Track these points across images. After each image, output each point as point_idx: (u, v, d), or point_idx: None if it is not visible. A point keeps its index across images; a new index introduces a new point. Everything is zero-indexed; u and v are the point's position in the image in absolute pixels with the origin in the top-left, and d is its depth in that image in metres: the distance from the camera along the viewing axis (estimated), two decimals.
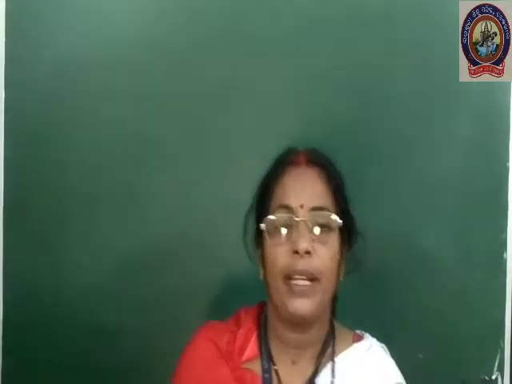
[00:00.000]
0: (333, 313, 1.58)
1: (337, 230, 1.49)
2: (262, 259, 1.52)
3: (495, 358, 1.88)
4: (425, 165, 1.88)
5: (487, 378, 1.88)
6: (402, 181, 1.89)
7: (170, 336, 1.80)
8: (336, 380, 1.50)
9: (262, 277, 1.53)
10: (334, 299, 1.56)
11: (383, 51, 1.88)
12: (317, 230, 1.46)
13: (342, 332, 1.57)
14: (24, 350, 1.88)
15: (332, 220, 1.48)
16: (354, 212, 1.55)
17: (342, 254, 1.51)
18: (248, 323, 1.56)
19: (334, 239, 1.49)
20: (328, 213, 1.48)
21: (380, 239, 1.87)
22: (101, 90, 1.87)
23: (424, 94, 1.87)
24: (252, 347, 1.53)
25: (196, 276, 1.87)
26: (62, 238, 1.88)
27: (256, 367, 1.52)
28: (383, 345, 1.59)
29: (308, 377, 1.50)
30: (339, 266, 1.50)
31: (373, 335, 1.60)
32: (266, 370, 1.50)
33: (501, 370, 1.88)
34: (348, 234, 1.53)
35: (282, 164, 1.54)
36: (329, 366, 1.51)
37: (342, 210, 1.52)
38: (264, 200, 1.52)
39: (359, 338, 1.57)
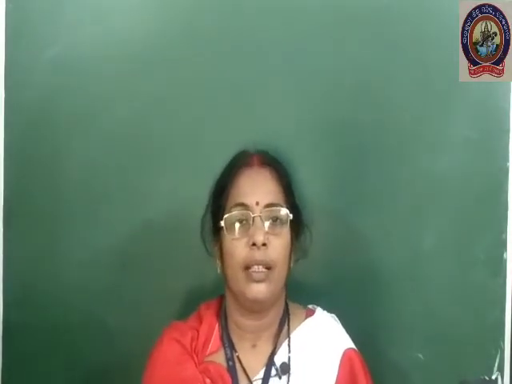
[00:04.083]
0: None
1: (288, 222, 1.62)
2: (219, 254, 1.65)
3: (495, 358, 1.88)
4: (425, 165, 1.88)
5: (487, 378, 1.88)
6: (402, 181, 1.89)
7: None
8: (292, 354, 1.63)
9: (219, 270, 1.65)
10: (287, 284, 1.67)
11: (383, 51, 1.87)
12: (271, 224, 1.61)
13: (295, 310, 1.69)
14: (24, 351, 1.88)
15: (284, 214, 1.62)
16: (302, 206, 1.69)
17: (292, 244, 1.64)
18: (209, 317, 1.68)
19: (285, 231, 1.62)
20: (280, 208, 1.62)
21: (380, 239, 1.87)
22: (100, 90, 1.87)
23: (424, 94, 1.87)
24: (215, 340, 1.65)
25: (196, 275, 1.87)
26: (61, 237, 1.88)
27: (220, 357, 1.64)
28: (333, 315, 1.69)
29: (267, 357, 1.63)
30: (290, 254, 1.64)
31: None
32: (230, 358, 1.63)
33: (501, 370, 1.88)
34: (297, 225, 1.67)
35: (236, 166, 1.67)
36: (285, 343, 1.64)
37: (292, 204, 1.66)
38: (221, 199, 1.65)
39: (311, 313, 1.69)
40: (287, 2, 1.87)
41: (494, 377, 1.88)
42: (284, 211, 1.62)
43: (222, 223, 1.61)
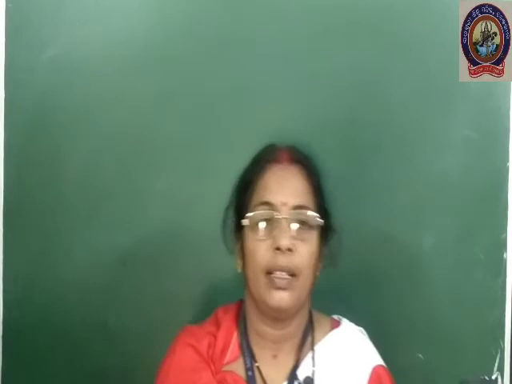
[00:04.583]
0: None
1: (316, 227, 1.52)
2: (241, 252, 1.55)
3: (495, 358, 1.88)
4: (425, 165, 1.88)
5: (487, 378, 1.88)
6: (402, 181, 1.89)
7: (170, 336, 1.80)
8: (316, 368, 1.53)
9: (239, 269, 1.56)
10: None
11: (383, 51, 1.87)
12: (298, 228, 1.50)
13: (319, 320, 1.60)
14: (24, 350, 1.88)
15: (313, 219, 1.52)
16: (332, 209, 1.60)
17: (320, 250, 1.54)
18: (227, 322, 1.57)
19: (313, 237, 1.52)
20: (309, 212, 1.52)
21: (380, 239, 1.87)
22: (100, 90, 1.87)
23: (424, 94, 1.87)
24: (233, 348, 1.55)
25: (196, 276, 1.86)
26: (62, 237, 1.88)
27: (239, 367, 1.54)
28: (361, 328, 1.62)
29: (290, 369, 1.53)
30: (317, 262, 1.54)
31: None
32: (249, 368, 1.53)
33: (501, 370, 1.88)
34: (325, 230, 1.56)
35: (263, 161, 1.57)
36: (309, 355, 1.54)
37: (321, 207, 1.56)
38: (245, 195, 1.55)
39: (337, 324, 1.61)
40: (289, 2, 1.87)
41: (493, 377, 1.88)
42: (313, 215, 1.52)
43: (246, 222, 1.52)
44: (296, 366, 1.53)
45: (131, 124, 1.88)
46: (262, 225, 1.50)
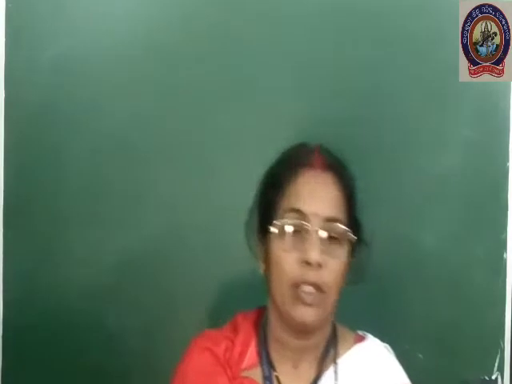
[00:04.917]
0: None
1: (348, 242, 1.46)
2: (264, 255, 1.48)
3: (495, 358, 1.88)
4: (424, 165, 1.88)
5: (487, 378, 1.88)
6: (402, 181, 1.89)
7: (170, 336, 1.80)
8: (339, 383, 1.48)
9: (262, 271, 1.49)
10: None
11: (383, 51, 1.88)
12: (329, 242, 1.43)
13: (343, 333, 1.54)
14: (24, 350, 1.88)
15: (345, 234, 1.45)
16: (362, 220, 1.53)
17: (349, 264, 1.48)
18: (246, 328, 1.52)
19: (343, 251, 1.45)
20: (342, 226, 1.44)
21: (380, 240, 1.87)
22: (101, 90, 1.87)
23: (424, 94, 1.88)
24: (251, 354, 1.49)
25: (196, 276, 1.86)
26: (62, 237, 1.88)
27: (257, 374, 1.48)
28: (386, 345, 1.58)
29: (310, 381, 1.48)
30: (345, 276, 1.47)
31: (373, 335, 1.60)
32: (267, 378, 1.47)
33: (501, 370, 1.88)
34: (355, 243, 1.49)
35: (295, 164, 1.48)
36: (331, 368, 1.49)
37: (353, 218, 1.48)
38: (273, 198, 1.47)
39: (361, 339, 1.55)
40: (290, 2, 1.88)
41: (493, 377, 1.88)
42: (345, 229, 1.44)
43: (274, 229, 1.43)
44: (317, 378, 1.48)
45: (131, 124, 1.88)
46: (291, 234, 1.43)
